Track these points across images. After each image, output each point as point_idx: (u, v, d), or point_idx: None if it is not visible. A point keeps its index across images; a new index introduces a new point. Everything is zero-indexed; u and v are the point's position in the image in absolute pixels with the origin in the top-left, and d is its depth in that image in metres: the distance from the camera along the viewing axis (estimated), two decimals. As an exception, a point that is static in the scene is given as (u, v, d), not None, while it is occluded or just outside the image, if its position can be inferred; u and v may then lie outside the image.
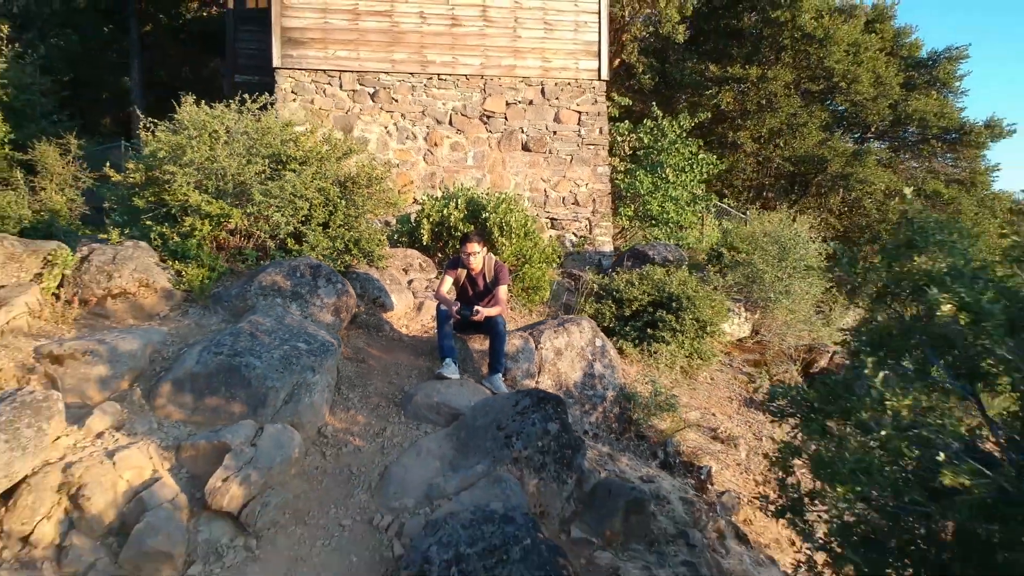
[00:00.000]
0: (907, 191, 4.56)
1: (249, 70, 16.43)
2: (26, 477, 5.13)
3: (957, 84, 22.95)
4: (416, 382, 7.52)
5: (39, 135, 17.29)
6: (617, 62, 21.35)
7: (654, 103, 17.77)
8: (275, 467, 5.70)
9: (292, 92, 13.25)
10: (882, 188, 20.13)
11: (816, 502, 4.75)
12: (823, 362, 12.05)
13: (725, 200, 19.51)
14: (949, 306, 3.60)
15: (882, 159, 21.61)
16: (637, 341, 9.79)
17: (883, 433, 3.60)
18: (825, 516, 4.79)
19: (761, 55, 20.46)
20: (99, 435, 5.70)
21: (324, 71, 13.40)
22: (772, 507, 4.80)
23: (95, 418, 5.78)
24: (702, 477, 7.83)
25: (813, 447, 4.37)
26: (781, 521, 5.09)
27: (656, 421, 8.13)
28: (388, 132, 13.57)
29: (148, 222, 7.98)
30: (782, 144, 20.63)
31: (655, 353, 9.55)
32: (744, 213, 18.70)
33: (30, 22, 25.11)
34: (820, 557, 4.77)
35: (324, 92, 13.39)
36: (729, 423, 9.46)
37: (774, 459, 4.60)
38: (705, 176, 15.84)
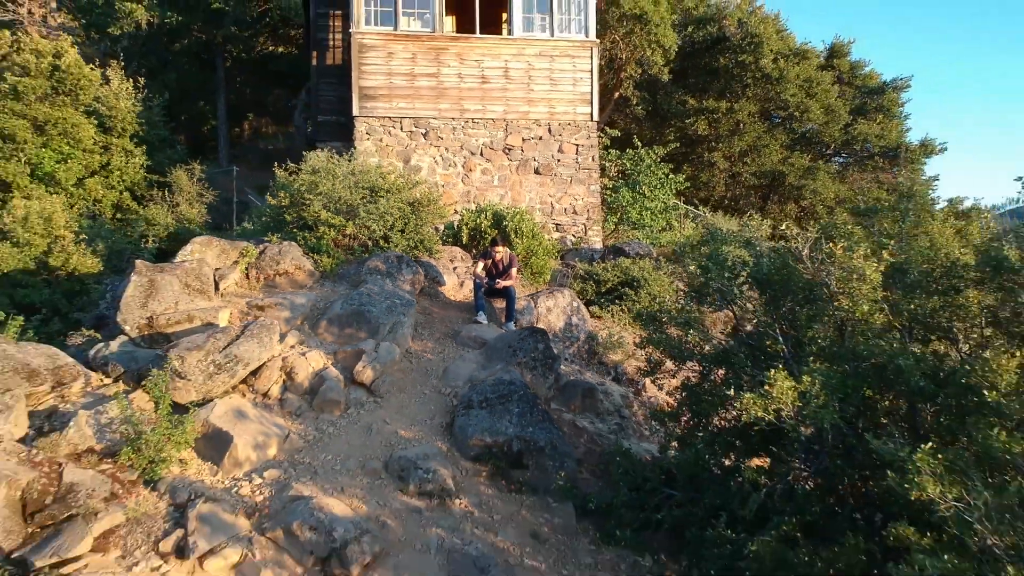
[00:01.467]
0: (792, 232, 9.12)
1: (328, 112, 21.09)
2: (264, 362, 9.75)
3: (900, 109, 27.05)
4: (461, 325, 12.11)
5: (165, 162, 22.07)
6: (616, 95, 25.72)
7: (636, 135, 22.22)
8: (386, 363, 10.31)
9: (367, 133, 17.83)
10: (831, 197, 24.36)
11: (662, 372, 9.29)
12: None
13: (702, 208, 23.84)
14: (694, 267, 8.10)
15: (835, 173, 25.81)
16: (607, 306, 14.26)
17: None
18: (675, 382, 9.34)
19: (732, 89, 24.77)
20: (292, 346, 10.33)
21: (389, 118, 17.97)
22: (645, 369, 9.35)
23: (289, 338, 10.40)
24: (638, 387, 12.30)
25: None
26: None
27: (611, 354, 12.60)
28: (436, 161, 18.11)
29: (295, 229, 12.64)
30: (749, 162, 24.94)
31: (617, 313, 14.03)
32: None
33: (133, 61, 30.02)
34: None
35: (389, 132, 17.96)
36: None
37: (642, 344, 9.11)
38: (674, 191, 20.28)
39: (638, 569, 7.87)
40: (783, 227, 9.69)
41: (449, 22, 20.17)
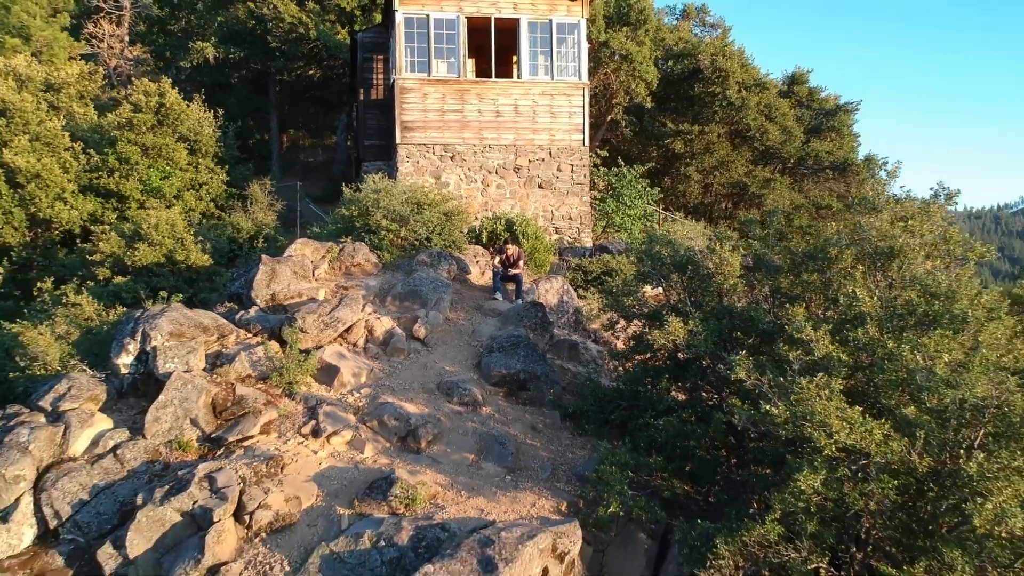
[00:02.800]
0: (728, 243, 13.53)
1: (373, 137, 25.51)
2: (353, 323, 14.19)
3: (849, 129, 31.20)
4: (483, 301, 16.54)
5: (239, 178, 26.48)
6: (609, 118, 30.03)
7: (625, 152, 26.58)
8: (433, 325, 14.76)
9: (407, 156, 22.24)
10: (788, 204, 28.51)
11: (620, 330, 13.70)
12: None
13: (678, 214, 28.07)
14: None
15: (791, 184, 29.99)
16: (591, 289, 18.63)
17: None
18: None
19: (704, 114, 28.99)
20: (370, 313, 14.77)
21: (424, 144, 22.36)
22: (606, 325, 13.76)
23: (367, 308, 14.84)
24: (611, 346, 16.69)
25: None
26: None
27: (591, 324, 16.99)
28: (460, 179, 22.49)
29: (362, 233, 17.09)
30: (718, 175, 29.15)
31: (598, 295, 18.39)
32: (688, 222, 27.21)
33: (199, 87, 34.50)
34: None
35: (424, 156, 22.36)
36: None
37: (604, 309, 13.51)
38: (650, 201, 24.63)
39: (597, 447, 12.27)
40: (722, 229, 14.02)
41: (470, 64, 24.50)
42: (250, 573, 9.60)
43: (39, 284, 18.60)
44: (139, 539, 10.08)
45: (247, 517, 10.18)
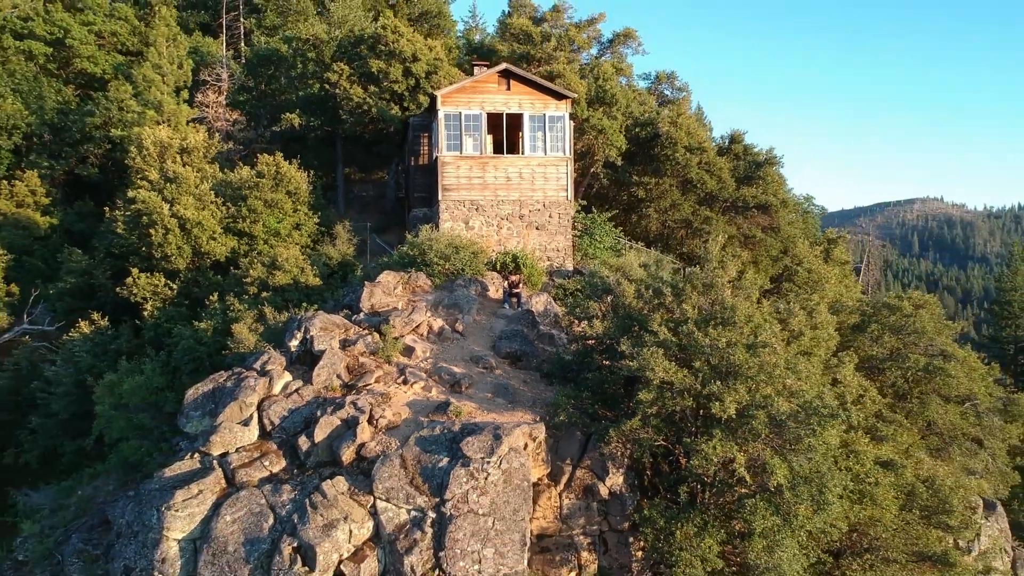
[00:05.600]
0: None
1: (420, 191, 34.39)
2: (420, 323, 23.11)
3: (775, 175, 39.56)
4: (497, 309, 25.45)
5: (323, 218, 35.32)
6: (592, 171, 38.69)
7: (603, 197, 35.32)
8: (467, 324, 23.73)
9: (445, 209, 31.04)
10: (722, 236, 36.91)
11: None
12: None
13: (639, 244, 36.50)
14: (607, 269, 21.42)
15: (726, 220, 38.30)
16: (568, 299, 27.37)
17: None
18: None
19: (660, 169, 37.40)
20: (429, 315, 23.69)
21: (458, 200, 31.14)
22: (570, 322, 22.69)
23: (427, 312, 23.76)
24: (578, 337, 25.53)
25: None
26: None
27: (563, 323, 25.78)
28: (482, 224, 31.26)
29: (421, 264, 26.00)
30: (671, 214, 37.57)
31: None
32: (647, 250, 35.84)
33: (286, 145, 43.50)
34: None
35: (457, 208, 31.14)
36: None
37: (566, 313, 22.43)
38: (615, 237, 33.29)
39: (558, 390, 21.09)
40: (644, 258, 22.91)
41: (489, 139, 33.22)
42: (378, 447, 18.51)
43: (208, 299, 27.75)
44: (320, 432, 19.02)
45: (375, 422, 19.10)
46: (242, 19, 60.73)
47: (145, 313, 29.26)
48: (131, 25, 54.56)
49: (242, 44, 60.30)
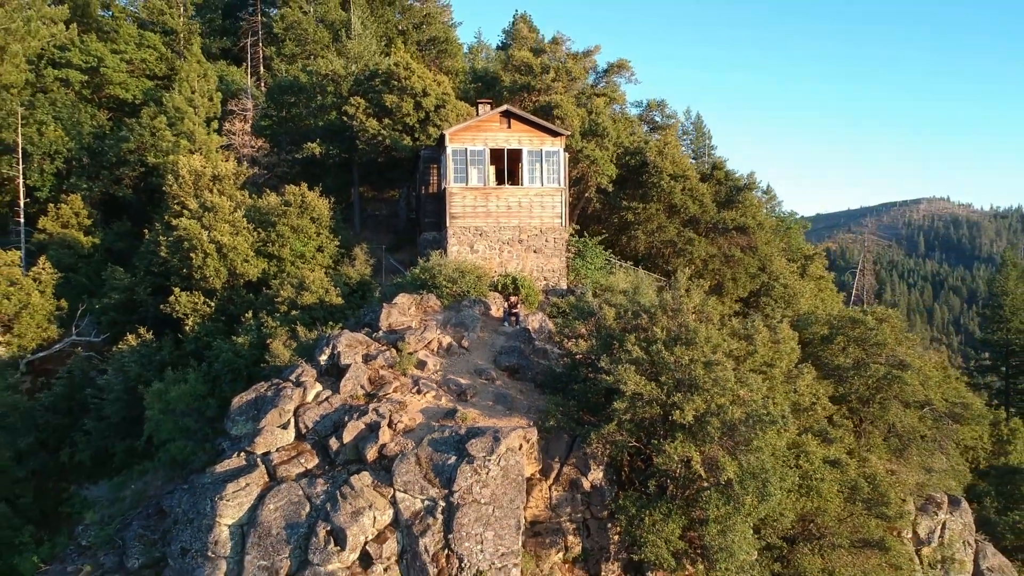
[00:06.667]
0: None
1: (430, 216, 37.61)
2: (432, 339, 26.35)
3: (753, 199, 42.67)
4: (498, 327, 28.63)
5: (342, 242, 38.53)
6: (586, 195, 41.87)
7: (596, 219, 38.56)
8: (472, 340, 26.94)
9: (453, 235, 34.23)
10: (704, 254, 39.98)
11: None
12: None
13: (628, 263, 39.61)
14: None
15: (708, 241, 41.39)
16: (559, 320, 30.51)
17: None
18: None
19: (647, 195, 40.52)
20: (438, 332, 26.90)
21: (464, 227, 34.32)
22: (561, 339, 25.91)
23: (437, 330, 26.96)
24: (569, 352, 28.73)
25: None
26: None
27: (556, 339, 28.96)
28: (486, 248, 34.44)
29: (431, 286, 29.22)
30: (657, 235, 40.63)
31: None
32: (634, 270, 38.95)
33: (305, 171, 46.79)
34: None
35: (464, 234, 34.34)
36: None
37: (557, 331, 25.66)
38: (604, 257, 36.43)
39: (549, 399, 24.27)
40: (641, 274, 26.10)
41: (491, 170, 36.38)
42: (397, 447, 21.70)
43: (243, 316, 31.01)
44: (348, 435, 22.23)
45: (393, 426, 22.31)
46: (261, 46, 64.06)
47: (186, 328, 32.51)
48: (158, 52, 57.75)
49: (261, 69, 63.70)
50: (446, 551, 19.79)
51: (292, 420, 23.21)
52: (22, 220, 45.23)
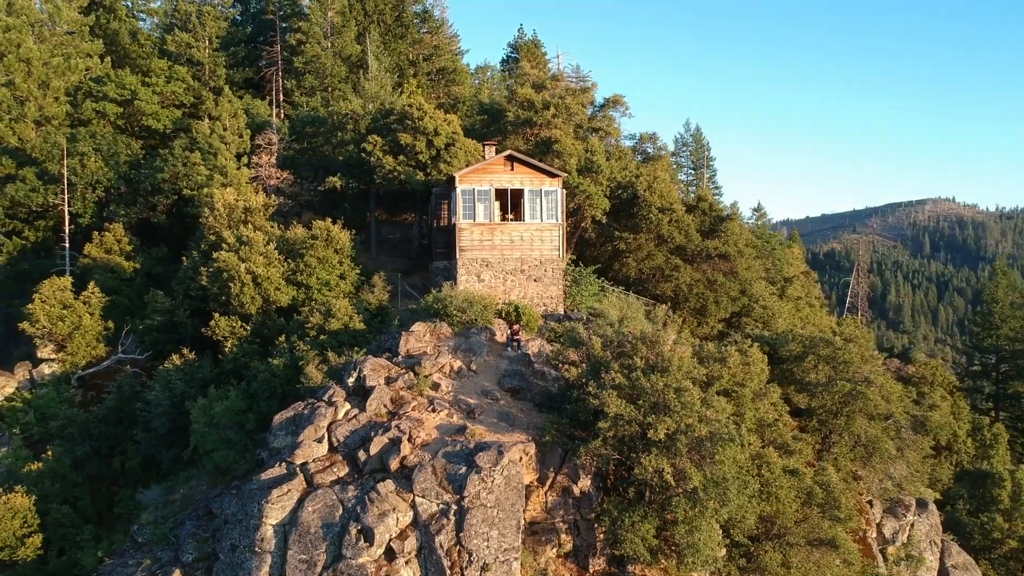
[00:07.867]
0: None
1: (441, 246, 41.13)
2: (444, 363, 29.89)
3: (732, 229, 46.13)
4: (502, 351, 32.16)
5: (362, 269, 42.02)
6: (582, 225, 45.41)
7: (589, 249, 42.12)
8: (479, 363, 30.49)
9: (462, 265, 37.73)
10: (689, 279, 43.39)
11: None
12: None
13: (620, 288, 43.05)
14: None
15: (695, 267, 44.85)
16: (555, 347, 33.98)
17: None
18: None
19: (637, 226, 44.02)
20: (450, 357, 30.44)
21: (472, 259, 37.80)
22: (558, 363, 29.49)
23: (449, 355, 30.50)
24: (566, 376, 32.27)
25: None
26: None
27: (554, 362, 32.48)
28: (491, 277, 37.93)
29: (442, 314, 32.77)
30: (647, 263, 44.09)
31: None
32: (625, 294, 42.44)
33: (325, 202, 50.33)
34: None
35: (472, 265, 37.83)
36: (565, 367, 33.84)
37: (552, 356, 29.22)
38: (598, 285, 39.96)
39: (547, 417, 27.74)
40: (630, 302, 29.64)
41: (496, 205, 39.87)
42: (416, 459, 25.23)
43: (277, 339, 34.57)
44: (374, 448, 25.77)
45: (412, 440, 25.84)
46: (281, 76, 67.70)
47: (226, 349, 36.09)
48: (186, 84, 61.31)
49: (281, 97, 67.34)
50: (458, 547, 23.27)
51: (326, 435, 26.74)
52: (67, 245, 48.90)
